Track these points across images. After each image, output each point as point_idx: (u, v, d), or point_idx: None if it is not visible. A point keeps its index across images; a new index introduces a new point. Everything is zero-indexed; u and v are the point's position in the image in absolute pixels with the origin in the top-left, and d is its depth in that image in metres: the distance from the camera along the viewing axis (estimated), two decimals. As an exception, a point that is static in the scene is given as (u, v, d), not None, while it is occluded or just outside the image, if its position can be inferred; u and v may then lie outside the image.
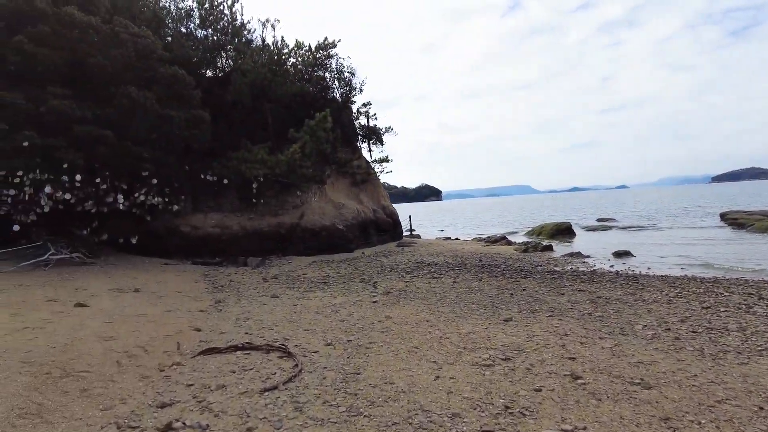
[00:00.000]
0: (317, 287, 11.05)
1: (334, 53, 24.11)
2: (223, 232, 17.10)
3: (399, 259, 16.45)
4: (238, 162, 16.34)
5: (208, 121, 15.64)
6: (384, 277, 12.39)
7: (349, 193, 22.65)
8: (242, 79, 18.37)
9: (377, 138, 24.24)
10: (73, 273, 11.87)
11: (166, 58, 15.62)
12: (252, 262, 14.87)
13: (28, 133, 11.14)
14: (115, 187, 13.46)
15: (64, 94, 12.25)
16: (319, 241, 17.84)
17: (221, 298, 9.93)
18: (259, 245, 17.28)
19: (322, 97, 23.38)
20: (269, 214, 18.05)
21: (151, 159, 13.88)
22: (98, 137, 12.38)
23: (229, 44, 21.89)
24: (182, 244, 16.68)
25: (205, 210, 18.01)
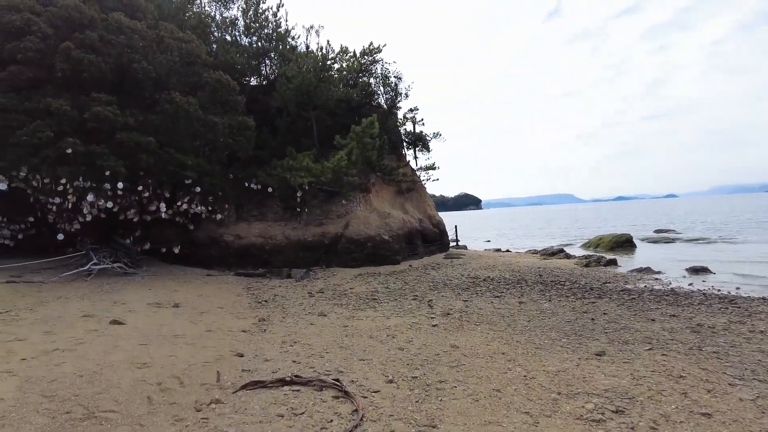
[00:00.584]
0: (367, 305, 10.12)
1: (379, 58, 23.42)
2: (266, 242, 16.51)
3: (450, 273, 15.35)
4: (282, 170, 15.74)
5: (252, 128, 15.13)
6: (438, 294, 11.34)
7: (394, 202, 21.75)
8: (287, 85, 17.86)
9: (423, 145, 23.28)
10: (114, 284, 11.44)
11: (210, 64, 15.25)
12: (296, 274, 14.14)
13: (71, 140, 10.81)
14: (158, 195, 13.05)
15: (108, 101, 11.93)
16: (364, 252, 16.97)
17: (265, 315, 9.16)
18: (302, 256, 16.59)
19: (367, 104, 22.67)
20: (313, 223, 17.36)
21: (195, 166, 13.42)
22: (141, 144, 11.98)
23: (273, 51, 21.55)
24: (225, 254, 16.19)
25: (249, 219, 17.51)
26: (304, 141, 19.51)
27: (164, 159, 12.70)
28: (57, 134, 11.02)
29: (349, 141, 16.10)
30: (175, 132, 13.41)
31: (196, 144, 14.24)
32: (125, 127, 12.08)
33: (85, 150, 11.00)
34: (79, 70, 11.87)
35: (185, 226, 16.84)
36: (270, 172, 16.13)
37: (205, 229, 16.84)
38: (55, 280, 11.17)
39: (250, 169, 17.50)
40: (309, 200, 17.55)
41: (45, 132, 10.66)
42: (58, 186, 10.89)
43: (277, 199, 18.08)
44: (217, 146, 15.57)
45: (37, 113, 11.29)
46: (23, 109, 11.25)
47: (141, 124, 12.73)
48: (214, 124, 13.71)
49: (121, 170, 11.37)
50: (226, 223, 17.01)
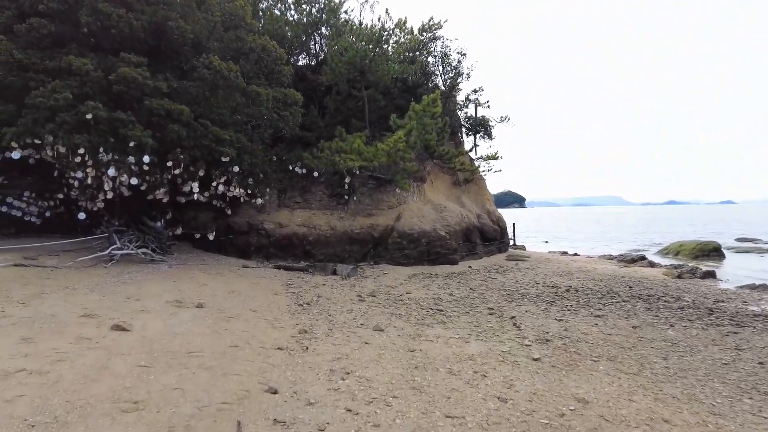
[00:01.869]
0: (432, 318, 8.08)
1: (439, 35, 21.22)
2: (309, 232, 14.73)
3: (520, 278, 13.09)
4: (330, 152, 13.87)
5: (299, 102, 13.33)
6: (518, 307, 9.17)
7: (450, 194, 19.56)
8: (339, 58, 15.96)
9: (486, 131, 20.92)
10: (134, 273, 9.87)
11: (255, 29, 13.51)
12: (342, 270, 12.27)
13: (92, 104, 9.26)
14: (191, 173, 11.42)
15: (138, 62, 10.34)
16: (417, 249, 14.93)
17: (307, 324, 7.28)
18: (348, 249, 14.73)
19: (423, 84, 20.53)
20: (361, 214, 15.45)
21: (233, 142, 11.71)
22: (172, 113, 10.34)
23: (324, 23, 19.71)
24: (264, 243, 14.53)
25: (291, 206, 15.79)
26: (354, 122, 17.61)
27: (199, 132, 11.05)
28: (78, 98, 9.51)
29: (407, 121, 14.04)
30: (212, 102, 11.74)
31: (236, 118, 12.54)
32: (156, 92, 10.46)
33: (107, 116, 9.43)
34: (106, 27, 10.32)
35: (222, 211, 15.29)
36: (317, 155, 14.30)
37: (244, 215, 15.24)
38: (69, 265, 9.71)
39: (295, 150, 15.76)
40: (358, 188, 15.64)
41: (63, 93, 9.14)
42: (76, 157, 9.39)
43: (323, 185, 16.28)
44: (260, 122, 13.88)
45: (58, 73, 9.82)
46: (43, 68, 9.80)
47: (174, 91, 11.10)
48: (257, 96, 11.96)
49: (148, 141, 9.75)
50: (266, 209, 15.35)
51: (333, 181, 16.35)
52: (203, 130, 11.09)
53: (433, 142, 14.74)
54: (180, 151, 10.82)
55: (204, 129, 11.10)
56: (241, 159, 12.03)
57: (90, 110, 9.14)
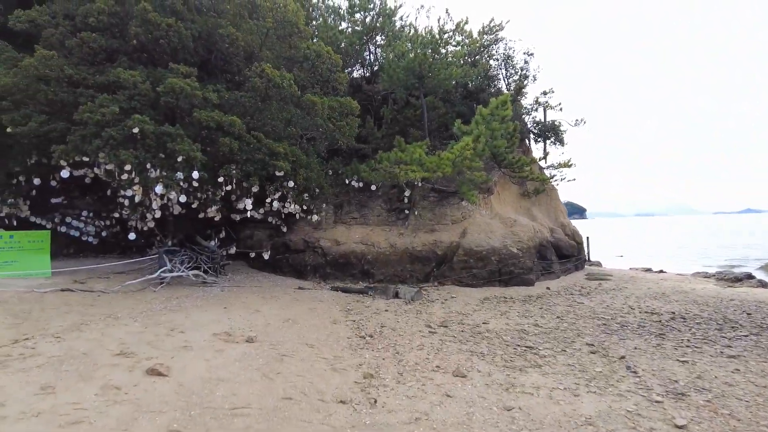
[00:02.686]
0: (522, 357, 6.69)
1: (501, 36, 19.87)
2: (368, 250, 13.67)
3: (609, 302, 11.36)
4: (389, 163, 12.81)
5: (356, 111, 12.39)
6: (621, 341, 7.58)
7: (519, 206, 17.97)
8: (396, 63, 14.97)
9: (557, 136, 19.22)
10: (184, 299, 9.13)
11: (309, 35, 12.76)
12: (406, 293, 11.07)
13: (139, 117, 8.67)
14: (244, 189, 10.68)
15: (187, 72, 9.75)
16: (487, 269, 13.48)
17: (372, 364, 6.12)
18: (410, 269, 13.52)
19: (485, 89, 19.18)
20: (423, 229, 14.23)
21: (288, 156, 10.88)
22: (223, 125, 9.63)
23: (379, 31, 18.89)
24: (320, 262, 13.60)
25: (348, 222, 14.84)
26: (412, 132, 16.54)
27: (251, 145, 10.30)
28: (125, 112, 8.97)
29: (473, 126, 12.75)
30: (265, 114, 11.01)
31: (290, 130, 11.75)
32: (206, 104, 9.81)
33: (154, 129, 8.82)
34: (156, 37, 9.82)
35: (278, 228, 14.58)
36: (374, 167, 13.27)
37: (300, 232, 14.43)
38: (116, 290, 9.10)
39: (351, 164, 14.85)
40: (418, 201, 14.47)
41: (110, 107, 8.61)
42: (123, 174, 8.82)
43: (381, 200, 15.24)
44: (315, 135, 13.07)
45: (107, 88, 9.37)
46: (93, 83, 9.38)
47: (225, 102, 10.44)
48: (312, 105, 11.11)
49: (197, 155, 9.05)
50: (322, 226, 14.48)
51: (391, 195, 15.28)
52: (256, 143, 10.33)
53: (502, 149, 13.35)
54: (232, 166, 10.09)
55: (257, 142, 10.34)
56: (296, 173, 11.18)
57: (136, 124, 8.55)
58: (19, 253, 9.51)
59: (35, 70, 8.98)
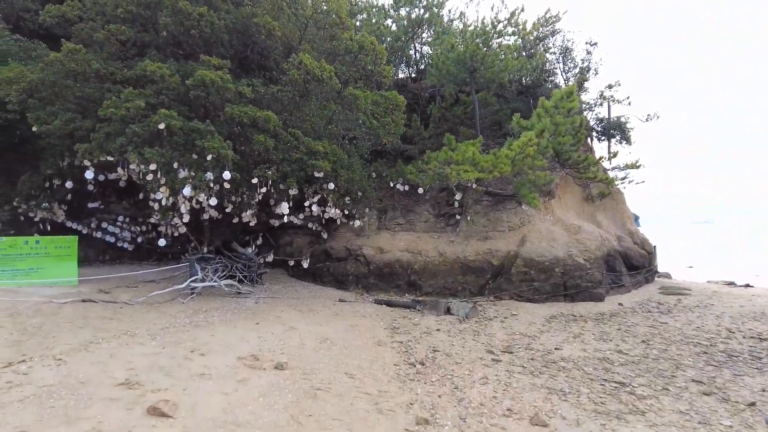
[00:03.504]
0: (615, 398, 5.30)
1: (558, 28, 18.29)
2: (414, 259, 12.47)
3: (698, 322, 9.65)
4: (438, 164, 11.59)
5: (402, 106, 11.27)
6: (737, 377, 6.03)
7: (581, 211, 16.28)
8: (446, 55, 13.76)
9: (623, 134, 17.39)
10: (213, 312, 8.22)
11: (351, 26, 11.78)
12: (459, 309, 9.79)
13: (165, 112, 7.88)
14: (281, 191, 9.75)
15: (219, 65, 8.92)
16: (550, 281, 11.98)
17: (427, 403, 4.92)
18: (462, 280, 12.20)
19: (542, 83, 17.64)
20: (476, 237, 12.88)
21: (328, 155, 9.88)
22: (257, 121, 8.73)
23: (425, 26, 17.74)
24: (363, 271, 12.51)
25: (393, 228, 13.69)
26: (462, 130, 15.24)
27: (288, 143, 9.36)
28: (153, 108, 8.22)
29: (535, 120, 11.33)
30: (304, 110, 10.07)
31: (330, 128, 10.77)
32: (239, 98, 8.96)
33: (182, 125, 8.00)
34: (186, 27, 9.07)
35: (318, 234, 13.65)
36: (422, 167, 12.09)
37: (341, 239, 13.42)
38: (141, 301, 8.32)
39: (396, 165, 13.74)
40: (471, 205, 13.15)
41: (134, 101, 7.87)
42: (147, 174, 8.06)
43: (428, 204, 14.03)
44: (357, 134, 12.05)
45: (136, 82, 8.68)
46: (121, 78, 8.71)
47: (261, 98, 9.58)
48: (354, 99, 10.08)
49: (229, 154, 8.17)
50: (365, 233, 13.41)
51: (440, 199, 14.04)
52: (293, 141, 9.38)
53: (567, 146, 11.85)
54: (267, 166, 9.17)
55: (294, 140, 9.39)
56: (337, 174, 10.15)
57: (162, 119, 7.75)
58: (45, 259, 8.94)
59: (61, 65, 8.38)
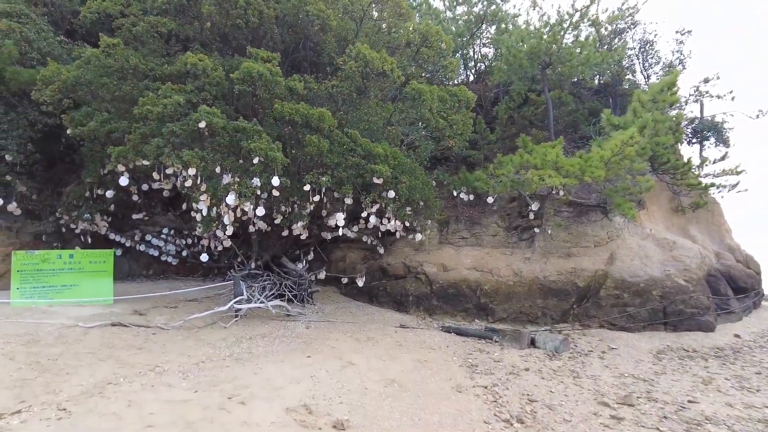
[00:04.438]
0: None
1: (637, 20, 16.38)
2: (484, 278, 10.91)
3: None
4: (513, 167, 10.06)
5: (472, 101, 9.88)
6: None
7: (670, 223, 14.19)
8: (514, 49, 12.26)
9: (719, 136, 15.16)
10: (258, 340, 7.02)
11: (411, 16, 10.55)
12: (547, 341, 8.17)
13: (206, 109, 6.85)
14: (336, 200, 8.55)
15: (267, 57, 7.86)
16: (647, 306, 10.12)
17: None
18: (541, 304, 10.54)
19: (621, 81, 15.77)
20: (556, 253, 11.19)
21: (388, 158, 8.59)
22: (310, 119, 7.58)
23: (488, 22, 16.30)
24: (424, 291, 11.07)
25: (456, 243, 12.19)
26: (534, 133, 13.62)
27: (344, 145, 8.15)
28: (195, 106, 7.22)
29: (630, 117, 9.60)
30: (361, 107, 8.87)
31: (390, 128, 9.52)
32: (290, 95, 7.85)
33: (225, 124, 6.94)
34: (232, 17, 8.10)
35: (373, 249, 12.35)
36: (493, 173, 10.58)
37: (399, 255, 12.05)
38: (177, 326, 7.24)
39: (459, 172, 12.31)
40: (549, 217, 11.47)
41: (173, 97, 6.88)
42: (187, 180, 7.03)
43: (496, 216, 12.43)
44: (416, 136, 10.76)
45: (177, 78, 7.75)
46: (160, 74, 7.81)
47: (314, 95, 8.45)
48: (419, 95, 8.77)
49: (278, 156, 7.02)
50: (425, 248, 11.98)
51: (510, 209, 12.42)
52: (350, 142, 8.16)
53: (666, 147, 10.05)
54: (320, 171, 7.99)
55: (351, 141, 8.17)
56: (398, 181, 8.82)
57: (203, 116, 6.70)
58: (80, 275, 8.09)
59: (98, 61, 7.56)
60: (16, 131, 9.22)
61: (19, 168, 9.86)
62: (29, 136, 9.53)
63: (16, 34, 9.15)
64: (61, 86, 7.62)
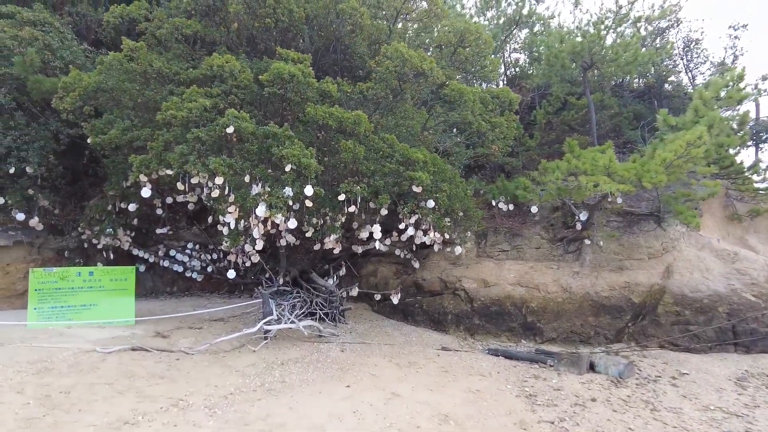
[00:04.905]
0: None
1: (679, 18, 15.48)
2: (530, 295, 10.08)
3: None
4: (560, 173, 9.27)
5: (515, 104, 9.18)
6: None
7: (725, 232, 13.07)
8: (557, 49, 11.52)
9: (777, 138, 14.10)
10: (290, 367, 6.35)
11: (446, 14, 9.93)
12: (607, 365, 7.31)
13: (234, 112, 6.30)
14: (371, 211, 7.90)
15: (298, 58, 7.30)
16: (712, 324, 9.13)
17: None
18: (593, 322, 9.65)
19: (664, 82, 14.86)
20: (608, 266, 10.28)
21: (428, 165, 7.91)
22: (344, 123, 6.97)
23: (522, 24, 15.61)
24: (464, 309, 10.29)
25: (496, 256, 11.39)
26: (576, 138, 12.79)
27: (381, 151, 7.51)
28: (221, 112, 6.69)
29: (691, 116, 8.74)
30: (396, 110, 8.24)
31: (426, 133, 8.86)
32: (322, 99, 7.26)
33: (254, 129, 6.37)
34: (260, 16, 7.59)
35: (405, 263, 11.64)
36: (540, 179, 9.81)
37: (434, 269, 11.30)
38: (203, 349, 6.63)
39: (498, 180, 11.58)
40: (598, 227, 10.60)
41: (198, 101, 6.36)
42: (213, 189, 6.47)
43: (539, 227, 11.60)
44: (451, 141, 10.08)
45: (203, 83, 7.25)
46: (185, 79, 7.32)
47: (347, 98, 7.86)
48: (460, 95, 8.10)
49: (312, 163, 6.40)
50: (462, 261, 11.20)
51: (553, 219, 11.59)
52: (387, 148, 7.51)
53: (731, 149, 9.14)
54: (355, 180, 7.35)
55: (388, 146, 7.52)
56: (438, 189, 8.12)
57: (231, 121, 6.15)
58: (99, 294, 7.58)
59: (120, 65, 7.12)
60: (38, 143, 8.86)
61: (42, 181, 9.52)
62: (52, 148, 9.19)
63: (39, 42, 8.84)
64: (81, 93, 7.19)
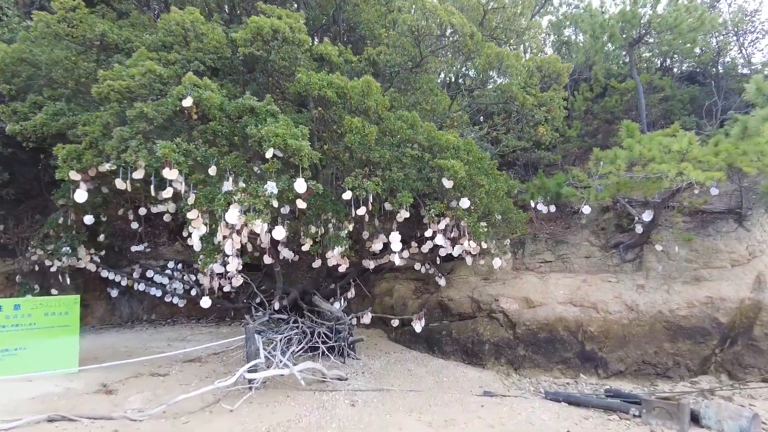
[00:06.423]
0: None
1: (728, -8, 13.60)
2: (586, 316, 8.05)
3: None
4: (624, 163, 7.32)
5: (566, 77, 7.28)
6: None
7: (803, 234, 11.02)
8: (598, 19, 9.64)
9: None
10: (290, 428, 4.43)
11: None
12: (720, 417, 5.29)
13: (194, 78, 4.45)
14: (386, 215, 6.00)
15: (286, 15, 5.47)
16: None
17: None
18: (671, 349, 7.64)
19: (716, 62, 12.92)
20: (679, 277, 8.26)
21: (459, 151, 6.00)
22: (348, 96, 5.08)
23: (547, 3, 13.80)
24: (504, 336, 8.28)
25: (537, 268, 9.42)
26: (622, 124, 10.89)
27: (397, 132, 5.62)
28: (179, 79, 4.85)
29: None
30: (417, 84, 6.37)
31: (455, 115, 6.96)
32: (318, 64, 5.41)
33: (221, 102, 4.52)
34: None
35: (426, 279, 9.73)
36: (594, 172, 7.86)
37: (462, 286, 9.33)
38: (157, 413, 4.69)
39: (537, 176, 9.65)
40: (663, 229, 8.61)
41: (143, 64, 4.52)
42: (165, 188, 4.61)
43: (587, 231, 9.65)
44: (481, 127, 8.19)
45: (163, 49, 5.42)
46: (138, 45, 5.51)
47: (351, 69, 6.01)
48: (499, 61, 6.22)
49: (304, 147, 4.53)
50: (496, 276, 9.22)
51: (603, 222, 9.65)
52: (407, 129, 5.63)
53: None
54: (366, 172, 5.46)
55: (408, 127, 5.64)
56: (474, 185, 6.20)
57: (188, 90, 4.29)
58: (28, 334, 5.70)
59: (48, 29, 5.32)
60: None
61: (-20, 192, 7.79)
62: (-11, 150, 7.44)
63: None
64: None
